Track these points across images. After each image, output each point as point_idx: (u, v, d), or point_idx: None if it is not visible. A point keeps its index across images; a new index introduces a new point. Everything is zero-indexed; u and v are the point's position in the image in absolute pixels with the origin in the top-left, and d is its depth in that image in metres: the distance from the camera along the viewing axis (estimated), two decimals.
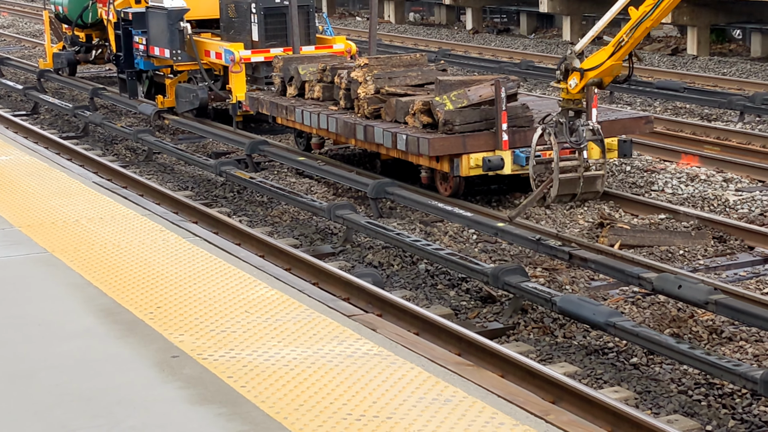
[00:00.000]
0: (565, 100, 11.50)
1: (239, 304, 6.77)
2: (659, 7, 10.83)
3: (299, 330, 6.30)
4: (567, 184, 11.40)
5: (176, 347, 6.08)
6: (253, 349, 6.00)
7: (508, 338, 9.27)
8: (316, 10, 19.28)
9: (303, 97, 15.62)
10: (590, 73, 11.25)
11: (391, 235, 11.27)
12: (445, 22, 36.68)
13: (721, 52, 27.49)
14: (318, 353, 5.91)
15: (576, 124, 11.46)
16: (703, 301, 8.87)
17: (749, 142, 16.31)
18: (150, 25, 19.06)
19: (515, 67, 24.16)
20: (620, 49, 11.13)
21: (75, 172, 10.96)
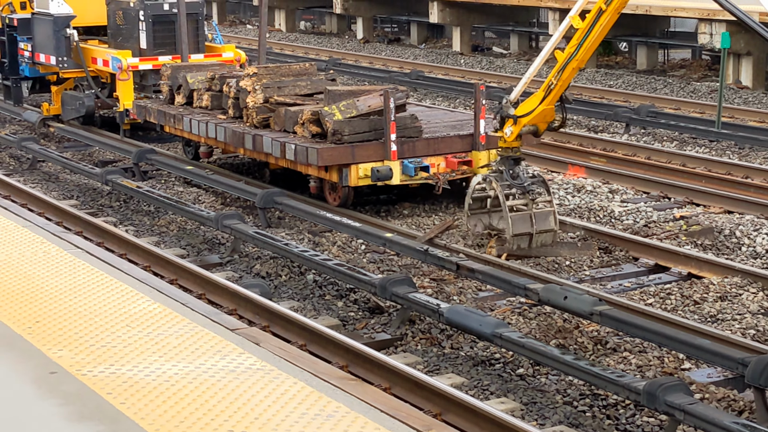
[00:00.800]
0: (503, 149, 11.49)
1: (121, 318, 6.63)
2: (582, 47, 10.91)
3: (182, 344, 6.19)
4: (519, 222, 11.33)
5: (55, 363, 5.92)
6: (133, 365, 5.88)
7: (396, 349, 9.25)
8: (206, 18, 19.11)
9: (191, 106, 15.46)
10: (524, 119, 11.27)
11: (279, 245, 11.19)
12: (336, 31, 36.72)
13: (607, 65, 27.95)
14: (200, 368, 5.81)
15: (516, 171, 11.47)
16: (588, 312, 8.96)
17: (634, 153, 16.58)
18: (36, 32, 18.70)
19: (405, 76, 24.25)
20: (550, 93, 11.19)
21: None
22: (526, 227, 11.43)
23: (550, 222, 11.51)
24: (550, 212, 11.52)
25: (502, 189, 11.40)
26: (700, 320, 9.75)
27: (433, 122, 14.10)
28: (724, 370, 8.44)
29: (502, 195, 11.37)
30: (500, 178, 11.50)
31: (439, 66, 27.14)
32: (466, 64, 28.08)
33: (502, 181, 11.47)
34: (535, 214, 11.45)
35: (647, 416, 7.80)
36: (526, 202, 11.52)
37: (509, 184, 11.47)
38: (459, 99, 22.25)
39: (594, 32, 10.87)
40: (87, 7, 18.58)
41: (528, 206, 11.49)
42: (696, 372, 8.65)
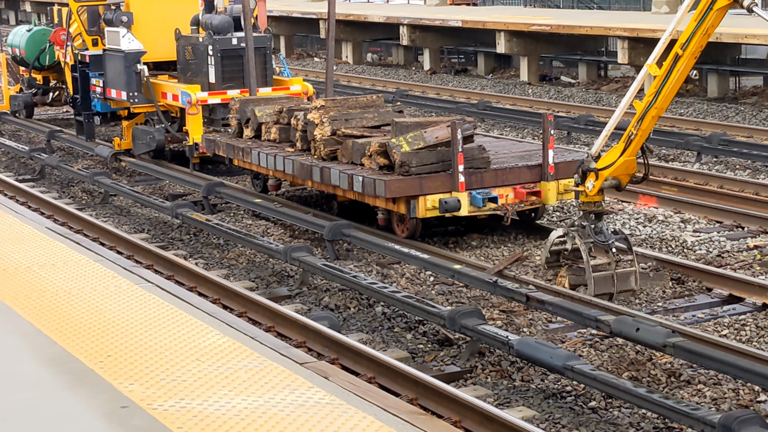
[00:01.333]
0: (585, 203, 11.29)
1: (190, 352, 6.66)
2: (661, 95, 10.75)
3: (251, 378, 6.20)
4: (601, 282, 11.13)
5: (126, 397, 5.96)
6: (203, 399, 5.89)
7: (466, 382, 9.19)
8: (274, 52, 19.26)
9: (259, 139, 15.56)
10: (605, 172, 11.09)
11: (347, 277, 11.19)
12: (403, 63, 36.82)
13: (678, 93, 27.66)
14: (269, 402, 5.81)
15: (599, 226, 11.27)
16: (661, 344, 8.84)
17: (706, 182, 16.38)
18: (107, 68, 18.97)
19: (472, 107, 24.22)
20: (631, 144, 11.01)
21: (28, 217, 10.81)
22: (608, 287, 11.16)
23: (631, 282, 11.26)
24: (631, 272, 11.26)
25: (586, 247, 11.15)
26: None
27: (501, 153, 14.05)
28: None
29: (586, 254, 11.11)
30: (583, 233, 11.24)
31: (507, 96, 27.07)
32: (533, 93, 28.00)
33: (586, 238, 11.21)
34: (617, 273, 11.21)
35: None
36: (609, 261, 11.24)
37: (593, 241, 11.23)
38: (527, 129, 22.17)
39: (672, 78, 10.70)
40: (157, 43, 18.83)
41: (610, 265, 11.22)
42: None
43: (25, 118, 23.75)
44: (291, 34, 41.12)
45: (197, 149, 17.60)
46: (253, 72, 17.24)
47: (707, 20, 10.48)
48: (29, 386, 6.23)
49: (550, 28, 29.02)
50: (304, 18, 39.09)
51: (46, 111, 25.36)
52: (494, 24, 30.56)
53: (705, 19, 10.48)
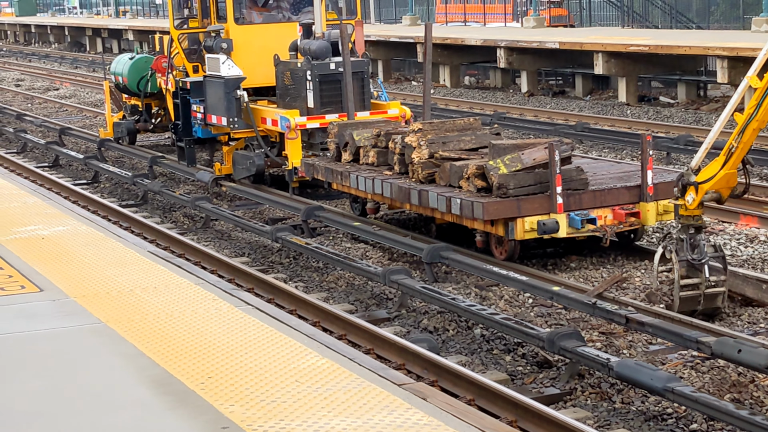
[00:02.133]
0: (684, 217, 11.19)
1: (290, 373, 6.74)
2: (762, 107, 10.59)
3: (349, 399, 6.25)
4: (688, 301, 11.08)
5: (226, 418, 6.06)
6: (302, 420, 5.96)
7: (565, 404, 9.15)
8: (372, 76, 19.39)
9: (358, 163, 15.68)
10: (705, 186, 11.00)
11: (446, 299, 11.22)
12: (500, 85, 36.80)
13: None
14: (368, 423, 5.85)
15: (697, 240, 11.17)
16: (763, 366, 8.71)
17: None
18: (207, 94, 19.29)
19: (570, 129, 24.10)
20: (731, 157, 10.90)
21: (130, 242, 11.04)
22: (693, 306, 11.07)
23: (717, 302, 11.15)
24: (720, 292, 11.13)
25: (680, 265, 11.05)
26: None
27: (599, 174, 13.97)
28: None
29: (678, 273, 11.03)
30: (680, 249, 11.13)
31: (605, 117, 26.90)
32: (632, 114, 27.77)
33: (682, 253, 11.09)
34: (705, 294, 11.09)
35: None
36: (701, 281, 11.09)
37: (688, 258, 11.09)
38: (625, 150, 22.00)
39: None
40: (256, 69, 19.10)
41: (701, 285, 11.08)
42: None
43: (128, 145, 24.23)
44: (389, 58, 41.34)
45: (296, 173, 17.79)
46: (351, 96, 17.38)
47: None
48: (132, 407, 6.36)
49: (648, 48, 28.78)
50: (402, 42, 39.29)
51: (148, 137, 25.87)
52: (592, 45, 30.40)
53: None
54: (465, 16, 47.24)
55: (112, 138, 24.53)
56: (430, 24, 18.26)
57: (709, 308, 11.13)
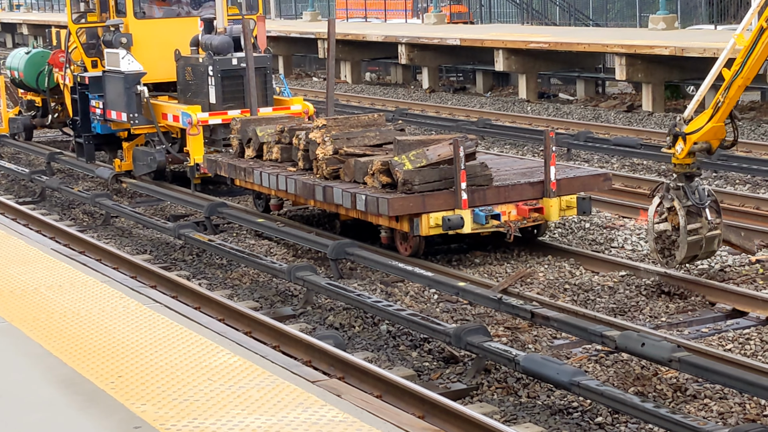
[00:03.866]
0: (677, 165, 11.70)
1: (202, 371, 6.69)
2: (747, 65, 11.18)
3: (263, 397, 6.22)
4: (693, 246, 11.58)
5: (138, 417, 5.98)
6: (216, 418, 5.92)
7: (472, 399, 9.21)
8: (273, 72, 19.30)
9: (261, 159, 15.60)
10: (693, 137, 11.46)
11: (351, 296, 11.22)
12: (401, 82, 36.92)
13: (675, 108, 27.78)
14: (283, 421, 5.83)
15: (693, 187, 11.64)
16: (666, 359, 8.87)
17: None
18: (107, 89, 19.01)
19: (472, 125, 24.28)
20: (719, 110, 11.41)
21: (33, 239, 10.84)
22: (695, 251, 11.63)
23: (714, 245, 11.75)
24: (717, 235, 11.71)
25: (684, 211, 11.52)
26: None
27: (502, 170, 14.10)
28: None
29: (684, 219, 11.51)
30: (681, 196, 11.61)
31: (506, 114, 27.16)
32: (532, 111, 28.08)
33: (684, 200, 11.58)
34: (706, 237, 11.62)
35: None
36: (701, 224, 11.63)
37: (690, 203, 11.58)
38: (527, 146, 22.24)
39: (757, 50, 11.12)
40: (156, 64, 18.89)
41: (702, 229, 11.61)
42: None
43: (25, 141, 23.79)
44: (290, 54, 41.23)
45: (198, 170, 17.65)
46: (253, 92, 17.30)
47: None
48: (41, 407, 6.25)
49: (547, 45, 29.12)
50: (303, 38, 39.19)
51: (45, 133, 25.42)
52: (492, 42, 30.66)
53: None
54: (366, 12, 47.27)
55: (7, 134, 24.06)
56: (333, 20, 18.23)
57: (707, 252, 11.59)
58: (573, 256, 13.23)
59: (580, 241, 14.21)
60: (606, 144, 21.13)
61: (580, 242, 14.13)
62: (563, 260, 13.14)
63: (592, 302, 11.62)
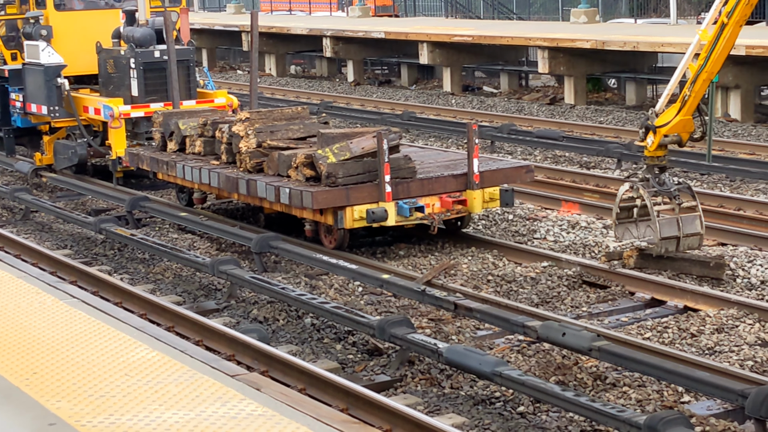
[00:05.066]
0: (648, 158, 11.99)
1: (119, 367, 6.61)
2: (710, 59, 11.49)
3: (182, 392, 6.17)
4: (667, 226, 11.80)
5: (53, 414, 5.90)
6: (133, 414, 5.85)
7: (396, 391, 9.22)
8: (197, 64, 19.16)
9: (184, 152, 15.47)
10: (662, 129, 11.80)
11: (275, 289, 11.18)
12: (326, 75, 36.87)
13: (597, 101, 28.08)
14: (201, 416, 5.78)
15: (662, 179, 11.96)
16: (586, 348, 8.95)
17: None
18: (27, 82, 18.74)
19: (397, 118, 24.32)
20: (686, 104, 11.73)
21: None
22: (673, 231, 11.79)
23: (696, 225, 11.90)
24: (696, 216, 11.90)
25: (649, 195, 11.79)
26: (698, 353, 9.74)
27: (426, 163, 14.13)
28: (723, 403, 8.42)
29: (650, 200, 11.78)
30: (647, 185, 11.90)
31: (431, 107, 27.23)
32: (457, 104, 28.19)
33: (649, 188, 11.87)
34: (681, 218, 11.82)
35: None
36: (673, 207, 11.89)
37: (656, 190, 11.86)
38: (451, 139, 22.32)
39: (719, 45, 11.43)
40: (77, 57, 18.64)
41: (674, 211, 11.85)
42: (696, 405, 8.62)
43: None
44: (213, 46, 40.98)
45: (120, 163, 17.47)
46: (176, 85, 17.16)
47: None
48: None
49: (471, 38, 29.25)
50: (227, 30, 38.97)
51: None
52: (417, 35, 30.73)
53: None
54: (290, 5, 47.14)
55: None
56: (256, 12, 18.14)
57: (690, 233, 11.75)
58: (496, 248, 13.30)
59: (503, 232, 14.29)
60: (529, 136, 21.28)
61: (503, 234, 14.21)
62: (486, 252, 13.20)
63: (515, 293, 11.69)
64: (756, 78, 23.40)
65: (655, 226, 11.71)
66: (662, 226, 11.74)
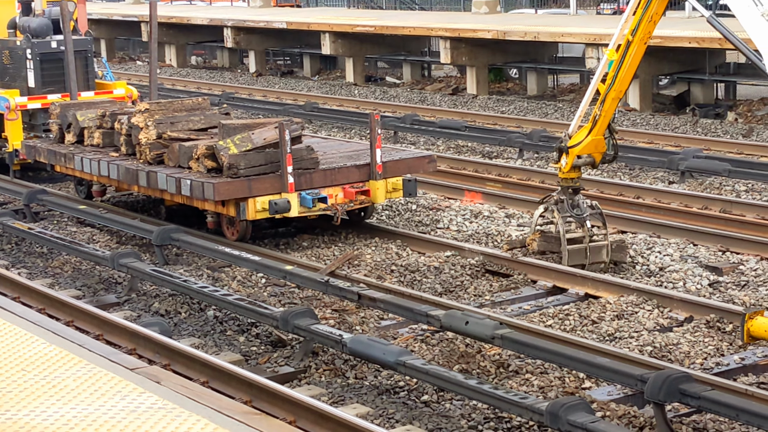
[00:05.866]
0: (563, 179, 12.03)
1: (15, 362, 6.48)
2: (618, 78, 11.55)
3: (80, 386, 6.06)
4: (575, 255, 11.85)
5: None
6: (30, 409, 5.74)
7: (300, 382, 9.19)
8: (95, 55, 18.89)
9: (82, 144, 15.25)
10: (575, 150, 11.87)
11: (177, 282, 11.07)
12: (228, 65, 36.62)
13: (499, 91, 28.30)
14: (99, 410, 5.69)
15: (576, 201, 12.00)
16: (489, 336, 9.01)
17: (528, 178, 16.78)
18: None
19: (300, 109, 24.25)
20: (596, 124, 11.79)
21: None
22: (581, 259, 11.88)
23: (602, 255, 11.99)
24: (604, 245, 11.98)
25: (563, 221, 11.86)
26: (598, 339, 9.87)
27: (329, 153, 14.10)
28: (623, 388, 8.54)
29: (563, 228, 11.85)
30: (562, 208, 11.95)
31: (333, 97, 27.20)
32: (360, 94, 28.19)
33: (563, 212, 11.93)
34: (590, 247, 11.89)
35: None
36: (584, 235, 11.96)
37: (570, 215, 11.93)
38: (354, 129, 22.31)
39: (626, 63, 11.50)
40: None
41: (585, 239, 11.93)
42: (597, 390, 8.73)
43: None
44: (112, 37, 40.45)
45: (17, 156, 17.15)
46: (73, 76, 16.91)
47: (651, 7, 11.20)
48: None
49: (374, 29, 29.27)
50: (126, 21, 38.48)
51: None
52: (318, 25, 30.66)
53: (650, 5, 11.20)
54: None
55: None
56: (155, 2, 17.90)
57: (596, 261, 11.88)
58: (400, 238, 13.32)
59: (407, 222, 14.33)
60: (432, 126, 21.36)
61: (406, 224, 14.24)
62: (390, 242, 13.22)
63: (419, 283, 11.72)
64: (654, 68, 23.78)
65: (565, 255, 11.82)
66: (571, 254, 11.84)
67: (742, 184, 15.97)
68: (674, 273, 11.68)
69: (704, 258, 12.21)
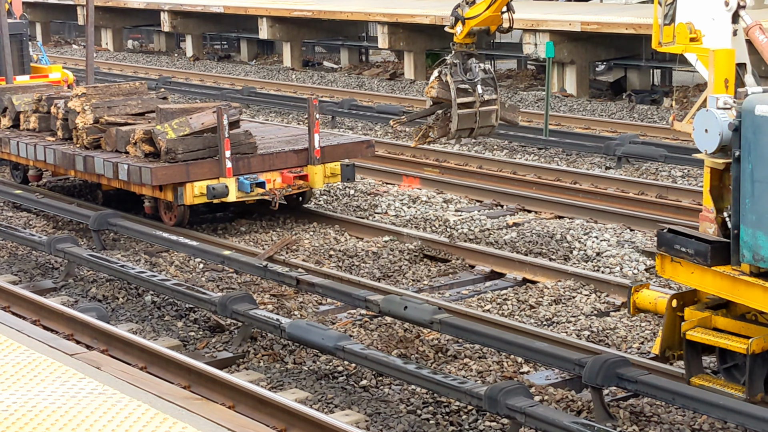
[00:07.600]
0: (457, 44, 11.94)
1: None
2: None
3: (19, 372, 6.03)
4: (465, 118, 11.81)
5: None
6: None
7: (239, 367, 9.20)
8: (31, 39, 18.69)
9: (18, 129, 15.10)
10: (471, 22, 11.78)
11: (114, 267, 11.01)
12: (165, 50, 36.35)
13: None
14: (39, 396, 5.67)
15: (469, 65, 11.92)
16: (428, 321, 9.07)
17: (466, 163, 16.87)
18: None
19: (237, 93, 24.16)
20: (496, 1, 11.69)
21: None
22: (470, 123, 11.86)
23: (492, 119, 12.02)
24: (494, 110, 11.99)
25: (455, 84, 11.79)
26: (536, 324, 9.97)
27: (267, 138, 14.08)
28: (561, 372, 8.64)
29: (454, 91, 11.76)
30: (455, 72, 11.86)
31: (271, 82, 27.12)
32: (297, 79, 28.13)
33: (456, 76, 11.84)
34: (480, 111, 11.88)
35: (489, 420, 7.93)
36: (475, 99, 11.90)
37: (462, 79, 11.84)
38: (292, 114, 22.28)
39: None
40: None
41: (475, 104, 11.89)
42: (535, 375, 8.83)
43: None
44: (48, 20, 39.97)
45: None
46: (9, 59, 16.73)
47: None
48: None
49: (311, 13, 29.21)
50: (61, 4, 38.04)
51: None
52: (256, 10, 30.53)
53: None
54: None
55: None
56: None
57: (484, 126, 11.88)
58: (338, 223, 13.35)
59: (345, 207, 14.35)
60: (369, 111, 21.39)
61: (344, 209, 14.27)
62: (328, 227, 13.24)
63: (357, 268, 11.76)
64: (590, 54, 23.97)
65: (455, 119, 11.82)
66: (461, 118, 11.85)
67: (678, 169, 16.18)
68: (611, 258, 11.82)
69: (641, 243, 12.37)
